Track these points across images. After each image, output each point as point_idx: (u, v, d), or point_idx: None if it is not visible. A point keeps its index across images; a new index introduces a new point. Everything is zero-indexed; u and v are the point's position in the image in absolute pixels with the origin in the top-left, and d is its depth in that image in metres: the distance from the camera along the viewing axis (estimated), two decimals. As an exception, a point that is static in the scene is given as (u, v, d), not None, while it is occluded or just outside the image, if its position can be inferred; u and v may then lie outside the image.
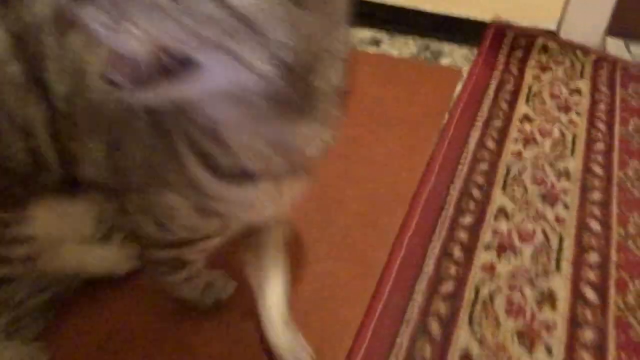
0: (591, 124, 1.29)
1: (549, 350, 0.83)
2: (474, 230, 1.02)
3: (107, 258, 0.95)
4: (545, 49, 1.52)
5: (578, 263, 0.96)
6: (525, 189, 1.11)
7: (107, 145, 0.62)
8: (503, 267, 0.95)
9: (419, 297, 0.91)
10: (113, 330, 0.89)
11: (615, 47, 1.56)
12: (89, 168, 0.64)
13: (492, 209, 1.07)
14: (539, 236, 1.01)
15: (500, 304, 0.90)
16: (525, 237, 1.01)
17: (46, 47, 0.59)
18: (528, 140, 1.24)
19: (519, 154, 1.20)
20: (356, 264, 0.98)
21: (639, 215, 1.03)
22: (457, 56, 1.56)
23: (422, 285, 0.93)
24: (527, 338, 0.85)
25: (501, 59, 1.50)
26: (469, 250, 0.98)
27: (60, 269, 0.91)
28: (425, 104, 1.36)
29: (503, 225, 1.03)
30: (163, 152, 0.58)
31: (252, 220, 0.74)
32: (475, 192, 1.11)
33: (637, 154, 1.20)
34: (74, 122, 0.61)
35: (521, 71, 1.46)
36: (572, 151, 1.20)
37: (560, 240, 1.00)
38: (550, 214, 1.05)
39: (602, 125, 1.28)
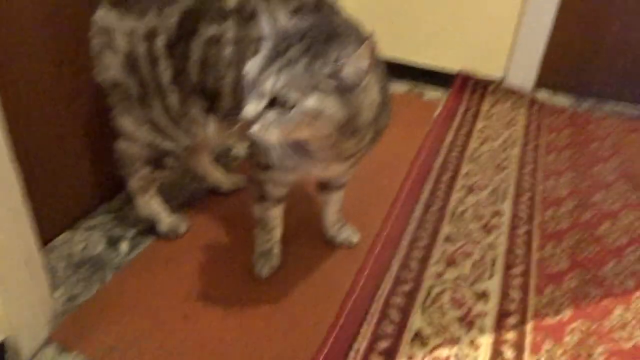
0: (526, 136, 1.91)
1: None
2: (451, 180, 1.60)
3: (220, 177, 1.47)
4: (495, 91, 2.19)
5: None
6: (483, 164, 1.70)
7: None
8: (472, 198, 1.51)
9: (417, 213, 1.45)
10: (226, 219, 1.39)
11: (543, 96, 2.24)
12: None
13: (462, 172, 1.65)
14: (496, 180, 1.58)
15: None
16: (482, 186, 1.58)
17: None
18: (485, 140, 1.86)
19: (479, 147, 1.81)
20: (372, 194, 1.51)
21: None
22: (434, 95, 2.21)
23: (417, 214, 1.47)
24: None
25: (465, 96, 2.16)
26: (448, 194, 1.55)
27: (196, 168, 1.44)
28: (415, 119, 1.97)
29: (471, 180, 1.61)
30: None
31: (313, 175, 1.15)
32: (452, 161, 1.69)
33: (555, 148, 1.82)
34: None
35: (479, 104, 2.11)
36: (513, 146, 1.82)
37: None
38: (499, 176, 1.64)
39: (532, 135, 1.91)
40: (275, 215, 1.18)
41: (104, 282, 1.18)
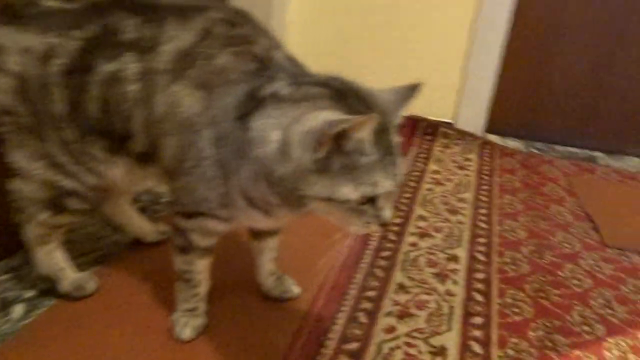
0: (479, 178, 1.84)
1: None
2: (403, 224, 1.47)
3: (143, 226, 1.28)
4: (446, 134, 2.13)
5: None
6: (436, 207, 1.60)
7: (180, 148, 0.92)
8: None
9: (367, 259, 1.31)
10: (146, 275, 1.20)
11: (494, 138, 2.20)
12: (165, 156, 0.95)
13: (414, 216, 1.53)
14: (451, 223, 1.47)
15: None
16: (436, 229, 1.46)
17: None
18: (437, 182, 1.76)
19: (430, 190, 1.71)
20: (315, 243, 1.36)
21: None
22: (385, 139, 2.13)
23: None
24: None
25: (416, 140, 2.09)
26: (400, 238, 1.42)
27: (114, 216, 1.24)
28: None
29: (424, 223, 1.49)
30: (220, 183, 0.87)
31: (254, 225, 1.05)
32: (404, 204, 1.57)
33: (509, 190, 1.75)
34: (162, 127, 0.93)
35: (430, 147, 2.04)
36: (468, 189, 1.73)
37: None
38: (453, 219, 1.53)
39: (486, 177, 1.84)
40: (201, 268, 1.01)
41: (-14, 354, 0.96)
